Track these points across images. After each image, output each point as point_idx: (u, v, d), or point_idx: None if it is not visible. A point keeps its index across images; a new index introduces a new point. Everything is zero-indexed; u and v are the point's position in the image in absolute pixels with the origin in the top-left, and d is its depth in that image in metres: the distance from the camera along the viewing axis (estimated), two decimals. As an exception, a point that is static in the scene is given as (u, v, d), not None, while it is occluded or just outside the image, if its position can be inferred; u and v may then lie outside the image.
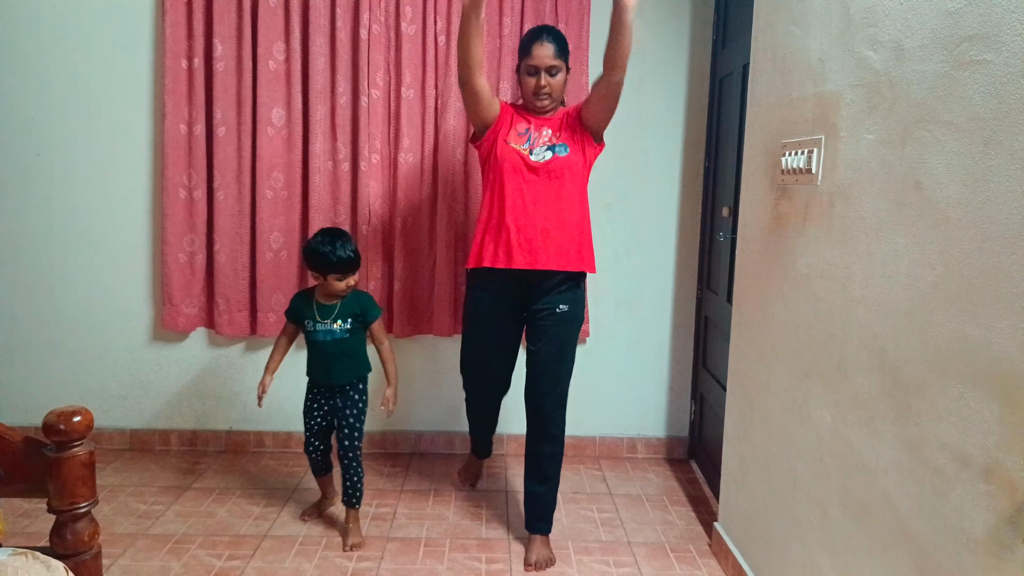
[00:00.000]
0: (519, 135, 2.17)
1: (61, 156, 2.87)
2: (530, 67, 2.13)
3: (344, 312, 2.29)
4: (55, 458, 1.28)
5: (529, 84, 2.15)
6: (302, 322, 2.31)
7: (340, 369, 2.30)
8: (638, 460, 3.08)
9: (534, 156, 2.13)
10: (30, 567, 1.15)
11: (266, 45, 2.73)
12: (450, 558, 2.26)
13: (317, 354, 2.31)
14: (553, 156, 2.13)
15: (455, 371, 3.03)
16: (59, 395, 2.90)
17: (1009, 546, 1.04)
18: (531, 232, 2.12)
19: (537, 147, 2.15)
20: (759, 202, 2.02)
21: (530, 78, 2.14)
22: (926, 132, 1.25)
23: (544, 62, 2.11)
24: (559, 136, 2.16)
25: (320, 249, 2.19)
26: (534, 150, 2.14)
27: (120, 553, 2.22)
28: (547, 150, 2.14)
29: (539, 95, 2.15)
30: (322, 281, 2.24)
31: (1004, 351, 1.06)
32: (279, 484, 2.74)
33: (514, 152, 2.14)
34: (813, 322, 1.68)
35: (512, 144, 2.15)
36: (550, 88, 2.14)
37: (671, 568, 2.24)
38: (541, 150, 2.14)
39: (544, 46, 2.11)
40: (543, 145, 2.15)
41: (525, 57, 2.14)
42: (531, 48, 2.12)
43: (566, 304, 2.18)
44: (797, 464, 1.75)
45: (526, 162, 2.13)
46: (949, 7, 1.20)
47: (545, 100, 2.16)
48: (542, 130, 2.18)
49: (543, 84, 2.13)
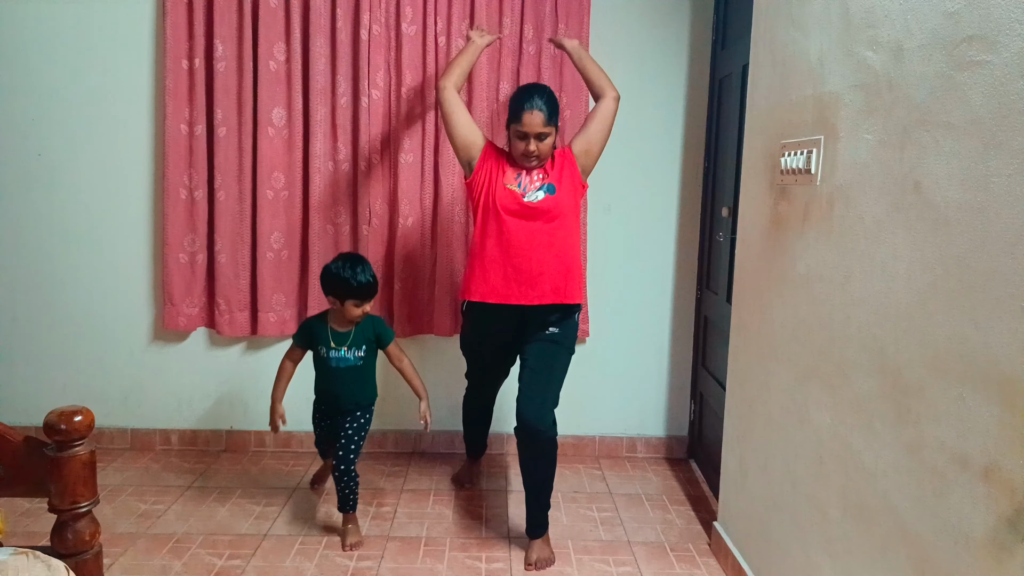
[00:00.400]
0: (513, 179, 2.23)
1: (62, 157, 2.87)
2: (519, 132, 2.17)
3: (359, 339, 2.30)
4: (56, 458, 1.28)
5: (518, 147, 2.19)
6: (315, 348, 2.32)
7: (349, 395, 2.32)
8: (638, 460, 3.08)
9: (527, 197, 2.21)
10: (31, 567, 1.16)
11: (267, 46, 2.73)
12: (450, 557, 2.26)
13: (328, 379, 2.32)
14: (545, 196, 2.21)
15: (455, 371, 3.04)
16: (60, 395, 2.91)
17: (1009, 547, 1.04)
18: (528, 270, 2.20)
19: (530, 190, 2.22)
20: (758, 203, 2.02)
21: (520, 142, 2.18)
22: (925, 133, 1.26)
23: (534, 129, 2.14)
24: (549, 176, 2.24)
25: (341, 275, 2.18)
26: (527, 193, 2.21)
27: (121, 552, 2.22)
28: (539, 191, 2.22)
29: (528, 158, 2.20)
30: (339, 307, 2.23)
31: (1003, 353, 1.06)
32: (280, 484, 2.74)
33: (508, 193, 2.21)
34: (812, 323, 1.68)
35: (508, 185, 2.22)
36: (539, 152, 2.18)
37: (671, 568, 2.24)
38: (533, 192, 2.21)
39: (534, 114, 2.13)
40: (534, 187, 2.22)
41: (515, 122, 2.17)
42: (520, 115, 2.14)
43: (556, 328, 2.28)
44: (797, 465, 1.75)
45: (520, 203, 2.20)
46: (948, 8, 1.20)
47: (533, 162, 2.22)
48: (532, 175, 2.25)
49: (532, 149, 2.17)
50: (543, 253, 2.20)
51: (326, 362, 2.29)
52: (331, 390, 2.33)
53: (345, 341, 2.28)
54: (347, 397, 2.32)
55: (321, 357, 2.30)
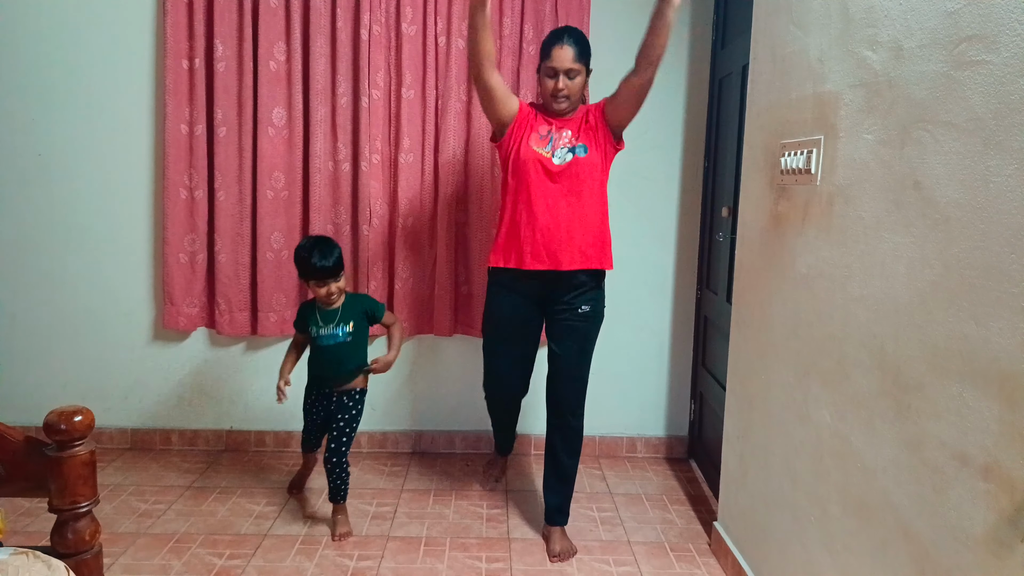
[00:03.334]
0: (541, 138, 2.18)
1: (62, 156, 2.87)
2: (549, 69, 2.14)
3: (346, 316, 2.34)
4: (56, 457, 1.28)
5: (548, 86, 2.16)
6: (308, 330, 2.36)
7: (343, 373, 2.36)
8: (638, 459, 3.08)
9: (556, 159, 2.15)
10: (31, 566, 1.16)
11: (267, 45, 2.73)
12: (450, 557, 2.26)
13: (318, 359, 2.38)
14: (574, 158, 2.16)
15: (456, 371, 3.04)
16: (60, 394, 2.91)
17: (1009, 545, 1.04)
18: (555, 234, 2.15)
19: (558, 148, 2.17)
20: (758, 202, 2.02)
21: (549, 80, 2.15)
22: (925, 132, 1.26)
23: (563, 64, 2.12)
24: (579, 137, 2.19)
25: (300, 254, 2.26)
26: (556, 152, 2.16)
27: (121, 552, 2.22)
28: (568, 152, 2.16)
29: (557, 97, 2.16)
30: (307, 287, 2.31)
31: (1003, 350, 1.06)
32: (280, 483, 2.74)
33: (536, 155, 2.16)
34: (813, 321, 1.68)
35: (534, 147, 2.17)
36: (568, 91, 2.15)
37: (671, 567, 2.24)
38: (562, 151, 2.16)
39: (564, 49, 2.11)
40: (564, 147, 2.17)
41: (545, 59, 2.15)
42: (551, 50, 2.12)
43: (587, 304, 2.23)
44: (797, 463, 1.76)
45: (547, 166, 2.15)
46: (948, 7, 1.20)
47: (563, 103, 2.17)
48: (563, 132, 2.20)
49: (561, 87, 2.14)
50: (570, 216, 2.14)
51: (316, 342, 2.35)
52: (321, 373, 2.38)
53: (332, 319, 2.33)
54: (339, 374, 2.36)
55: (313, 337, 2.36)
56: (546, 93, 2.18)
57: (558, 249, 2.15)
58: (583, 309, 2.23)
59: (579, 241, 2.17)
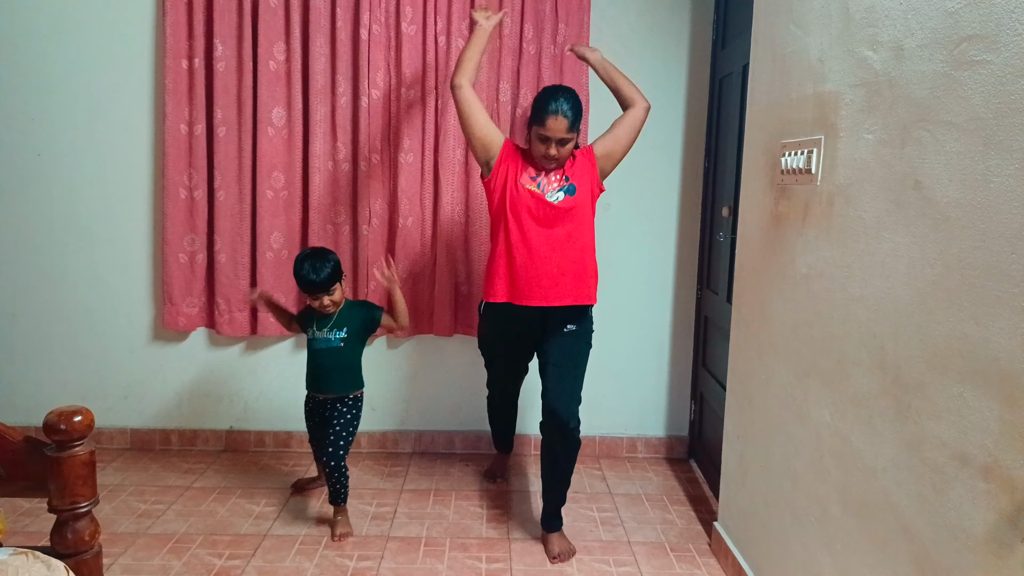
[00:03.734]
0: (531, 179, 2.21)
1: (62, 156, 2.87)
2: (542, 136, 2.14)
3: (341, 322, 2.37)
4: (56, 457, 1.28)
5: (539, 149, 2.17)
6: (306, 331, 2.40)
7: (333, 380, 2.39)
8: (638, 459, 3.08)
9: (549, 197, 2.18)
10: (31, 566, 1.16)
11: (266, 45, 2.73)
12: (450, 557, 2.26)
13: (314, 363, 2.40)
14: (565, 197, 2.19)
15: (456, 371, 3.05)
16: (60, 394, 2.91)
17: (1009, 545, 1.04)
18: (548, 272, 2.19)
19: (549, 190, 2.20)
20: (759, 202, 2.02)
21: (541, 144, 2.16)
22: (926, 132, 1.26)
23: (557, 135, 2.12)
24: (568, 178, 2.22)
25: (295, 265, 2.29)
26: (547, 192, 2.19)
27: (121, 552, 2.22)
28: (559, 191, 2.20)
29: (548, 160, 2.18)
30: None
31: (1003, 350, 1.06)
32: (279, 483, 2.74)
33: (528, 193, 2.18)
34: (813, 321, 1.68)
35: (526, 185, 2.19)
36: (559, 156, 2.17)
37: (671, 567, 2.24)
38: (553, 192, 2.19)
39: (559, 120, 2.10)
40: (553, 188, 2.20)
41: (538, 124, 2.14)
42: (545, 119, 2.11)
43: (573, 324, 2.29)
44: (797, 462, 1.76)
45: (542, 203, 2.18)
46: (949, 7, 1.20)
47: (552, 164, 2.20)
48: (551, 175, 2.22)
49: (553, 154, 2.15)
50: (563, 255, 2.19)
51: (311, 344, 2.38)
52: (316, 376, 2.40)
53: (327, 324, 2.36)
54: (330, 383, 2.39)
55: (309, 339, 2.39)
56: (537, 154, 2.19)
57: (552, 286, 2.19)
58: (569, 328, 2.28)
59: (571, 280, 2.21)
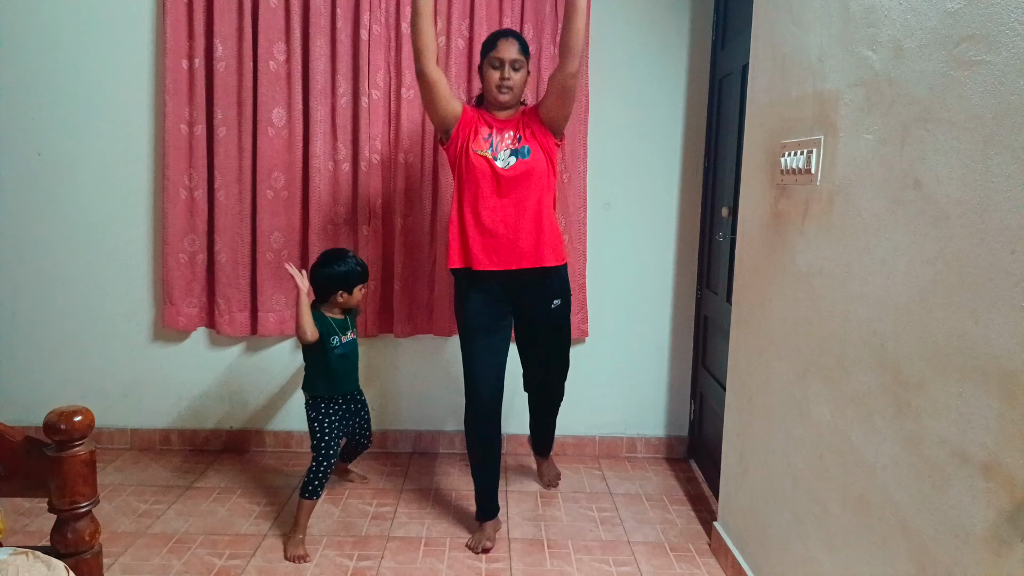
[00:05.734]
0: (483, 140, 2.24)
1: (62, 156, 2.87)
2: (494, 59, 2.22)
3: (352, 322, 2.44)
4: (56, 457, 1.28)
5: (492, 77, 2.23)
6: (325, 339, 2.31)
7: (356, 375, 2.48)
8: (638, 459, 3.08)
9: (499, 162, 2.22)
10: (31, 566, 1.15)
11: (267, 45, 2.73)
12: (450, 557, 2.26)
13: (342, 367, 2.37)
14: (517, 161, 2.22)
15: (455, 371, 3.04)
16: (60, 394, 2.91)
17: (1009, 543, 1.04)
18: (503, 237, 2.22)
19: (500, 152, 2.23)
20: (759, 201, 2.02)
21: (493, 71, 2.22)
22: (925, 131, 1.26)
23: (509, 55, 2.20)
24: (520, 139, 2.25)
25: (342, 268, 2.32)
26: (498, 155, 2.22)
27: (121, 552, 2.22)
28: (511, 155, 2.23)
29: (501, 88, 2.23)
30: (345, 297, 2.34)
31: (1003, 347, 1.06)
32: (280, 483, 2.74)
33: (481, 159, 2.22)
34: (813, 319, 1.68)
35: (479, 152, 2.23)
36: (512, 82, 2.22)
37: (671, 567, 2.24)
38: (505, 155, 2.22)
39: (510, 41, 2.21)
40: (506, 149, 2.23)
41: (490, 50, 2.23)
42: (496, 42, 2.22)
43: (559, 299, 2.37)
44: (797, 460, 1.76)
45: (493, 169, 2.21)
46: (948, 7, 1.20)
47: (507, 94, 2.23)
48: (504, 134, 2.25)
49: (507, 76, 2.21)
50: (516, 220, 2.22)
51: (337, 350, 2.34)
52: (343, 377, 2.39)
53: (345, 328, 2.39)
54: (355, 376, 2.47)
55: (332, 347, 2.32)
56: (491, 83, 2.24)
57: (510, 249, 2.23)
58: (555, 304, 2.36)
59: (528, 241, 2.24)
